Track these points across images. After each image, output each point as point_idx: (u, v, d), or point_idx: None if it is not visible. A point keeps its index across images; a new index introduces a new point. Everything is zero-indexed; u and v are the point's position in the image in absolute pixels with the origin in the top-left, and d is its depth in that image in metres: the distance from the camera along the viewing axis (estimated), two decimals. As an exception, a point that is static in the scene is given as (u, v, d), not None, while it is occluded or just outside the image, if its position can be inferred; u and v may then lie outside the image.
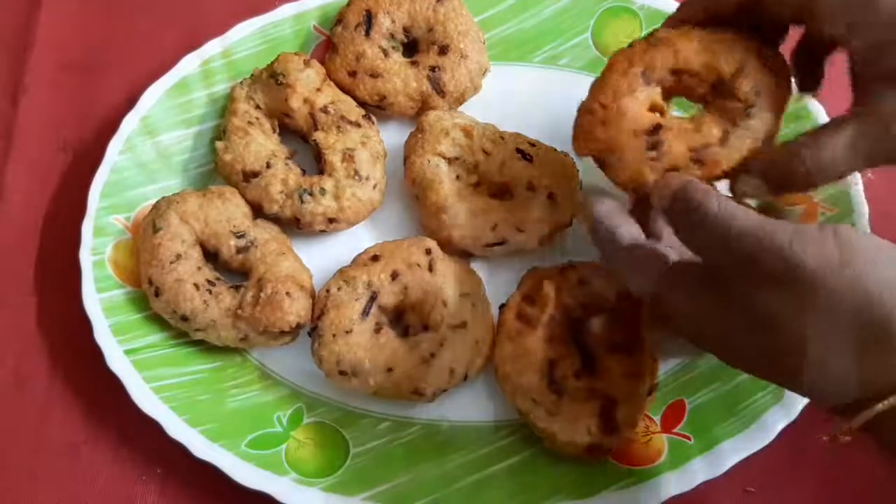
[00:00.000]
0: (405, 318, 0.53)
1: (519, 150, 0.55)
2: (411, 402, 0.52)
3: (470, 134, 0.55)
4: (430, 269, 0.53)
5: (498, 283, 0.55)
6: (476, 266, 0.55)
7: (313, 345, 0.52)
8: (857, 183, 0.57)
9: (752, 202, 0.51)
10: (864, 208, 0.56)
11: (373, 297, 0.52)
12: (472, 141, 0.55)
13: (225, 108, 0.59)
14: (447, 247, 0.54)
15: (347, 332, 0.51)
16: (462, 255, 0.55)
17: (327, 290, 0.53)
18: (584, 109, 0.47)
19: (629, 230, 0.44)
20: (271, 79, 0.57)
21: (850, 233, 0.36)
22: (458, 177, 0.55)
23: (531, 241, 0.54)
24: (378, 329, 0.52)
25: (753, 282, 0.37)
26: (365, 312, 0.52)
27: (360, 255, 0.54)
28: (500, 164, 0.55)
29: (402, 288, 0.52)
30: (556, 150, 0.55)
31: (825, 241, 0.35)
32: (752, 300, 0.37)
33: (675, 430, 0.51)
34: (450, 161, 0.55)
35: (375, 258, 0.53)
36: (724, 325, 0.39)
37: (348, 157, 0.56)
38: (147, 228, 0.54)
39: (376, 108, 0.59)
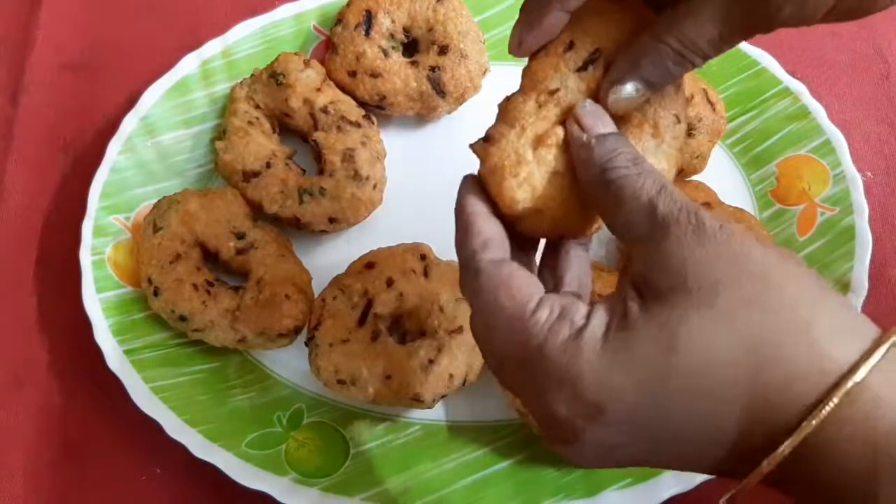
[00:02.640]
0: (402, 325, 0.53)
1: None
2: (410, 408, 0.52)
3: None
4: (426, 274, 0.52)
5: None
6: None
7: (310, 355, 0.52)
8: (856, 183, 0.57)
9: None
10: (863, 209, 0.56)
11: (369, 305, 0.52)
12: None
13: (225, 108, 0.59)
14: None
15: (344, 341, 0.51)
16: None
17: (323, 299, 0.53)
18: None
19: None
20: (271, 79, 0.57)
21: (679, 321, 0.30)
22: None
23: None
24: (375, 337, 0.51)
25: None
26: (361, 321, 0.52)
27: (354, 262, 0.54)
28: None
29: (398, 295, 0.52)
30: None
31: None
32: None
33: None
34: None
35: (370, 266, 0.53)
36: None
37: (348, 157, 0.56)
38: (147, 228, 0.54)
39: (376, 108, 0.59)
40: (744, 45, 0.62)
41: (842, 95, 0.64)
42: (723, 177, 0.59)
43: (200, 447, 0.50)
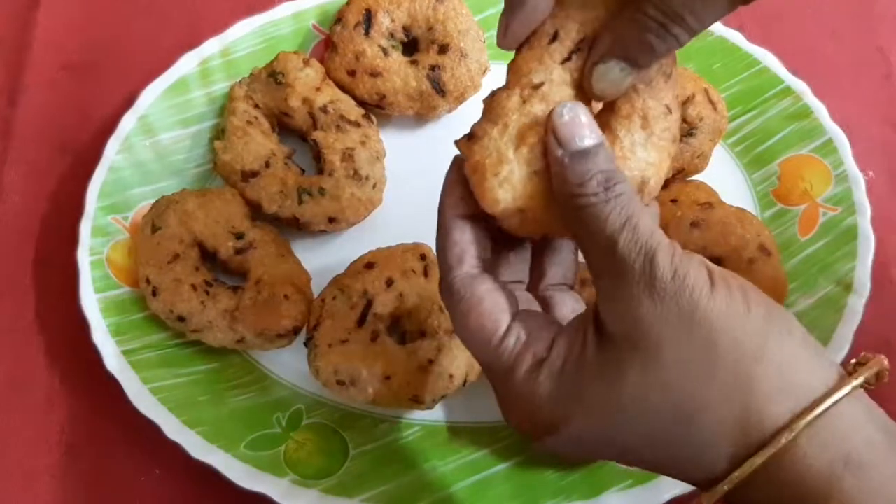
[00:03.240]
0: (402, 325, 0.53)
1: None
2: (410, 409, 0.52)
3: None
4: (425, 274, 0.52)
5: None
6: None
7: (309, 355, 0.51)
8: (858, 183, 0.57)
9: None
10: (866, 209, 0.56)
11: (368, 306, 0.52)
12: None
13: (223, 107, 0.59)
14: None
15: (343, 341, 0.51)
16: None
17: (322, 300, 0.52)
18: None
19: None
20: (270, 78, 0.57)
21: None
22: None
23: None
24: (374, 337, 0.51)
25: None
26: (361, 321, 0.51)
27: (353, 263, 0.54)
28: None
29: (398, 295, 0.52)
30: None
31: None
32: None
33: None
34: None
35: (369, 266, 0.53)
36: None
37: (348, 156, 0.56)
38: (146, 228, 0.54)
39: (376, 108, 0.59)
40: (745, 44, 0.62)
41: (844, 95, 0.64)
42: (724, 176, 0.59)
43: (199, 448, 0.50)
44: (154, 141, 0.58)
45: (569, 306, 0.38)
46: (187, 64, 0.60)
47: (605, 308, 0.32)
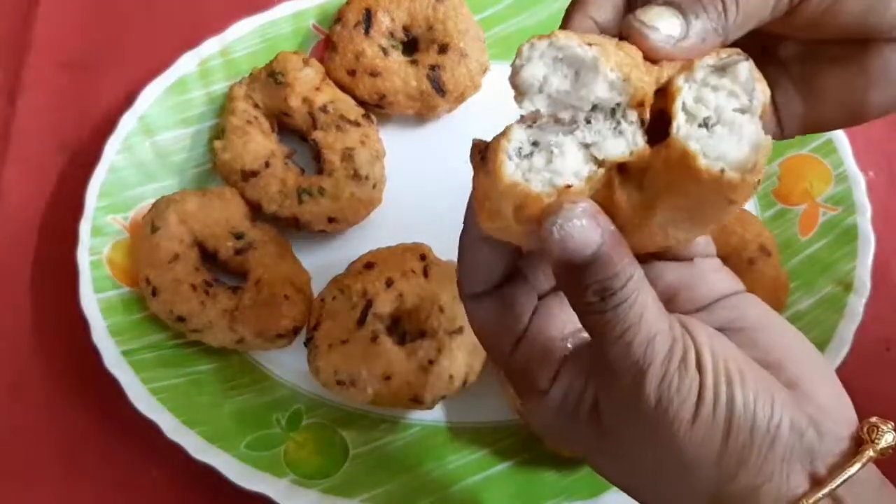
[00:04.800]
0: (402, 326, 0.53)
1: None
2: (410, 409, 0.52)
3: None
4: (425, 274, 0.52)
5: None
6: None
7: (309, 356, 0.51)
8: (858, 183, 0.57)
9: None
10: (866, 208, 0.56)
11: (368, 306, 0.52)
12: None
13: (223, 107, 0.59)
14: None
15: (343, 341, 0.51)
16: None
17: (322, 300, 0.52)
18: None
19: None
20: (270, 78, 0.57)
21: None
22: None
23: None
24: (374, 337, 0.51)
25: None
26: (361, 321, 0.51)
27: (353, 263, 0.54)
28: None
29: (398, 295, 0.52)
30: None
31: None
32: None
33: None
34: None
35: (369, 266, 0.53)
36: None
37: (347, 156, 0.56)
38: (145, 228, 0.54)
39: (376, 108, 0.59)
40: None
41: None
42: (724, 176, 0.59)
43: (199, 448, 0.50)
44: (154, 141, 0.58)
45: None
46: (187, 63, 0.59)
47: (597, 382, 0.33)
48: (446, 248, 0.55)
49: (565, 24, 0.33)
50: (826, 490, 0.30)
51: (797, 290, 0.55)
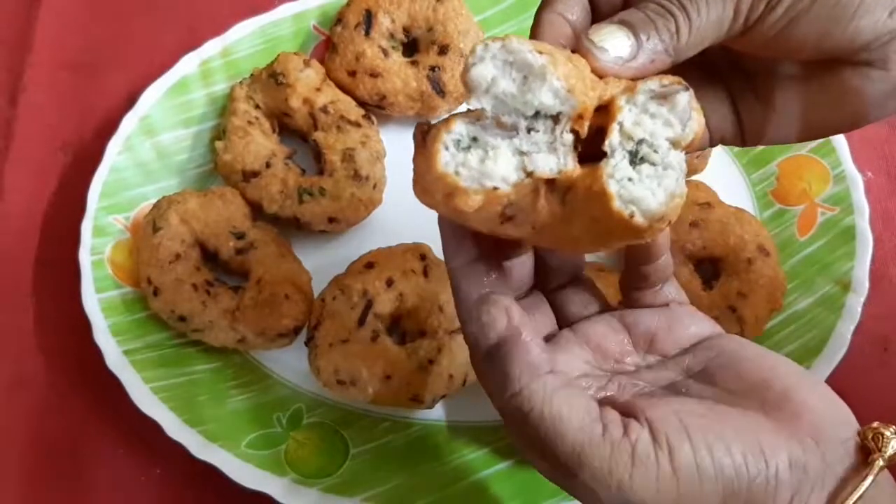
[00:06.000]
0: (402, 325, 0.53)
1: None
2: (410, 408, 0.52)
3: None
4: (426, 274, 0.52)
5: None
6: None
7: (310, 355, 0.52)
8: (857, 183, 0.57)
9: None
10: (864, 209, 0.56)
11: (368, 305, 0.52)
12: None
13: (224, 107, 0.59)
14: None
15: (344, 341, 0.51)
16: None
17: (322, 300, 0.53)
18: None
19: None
20: (271, 78, 0.57)
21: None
22: None
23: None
24: (375, 337, 0.51)
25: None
26: (361, 321, 0.52)
27: (353, 263, 0.54)
28: None
29: (398, 295, 0.52)
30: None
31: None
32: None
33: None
34: None
35: (370, 266, 0.53)
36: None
37: (348, 156, 0.56)
38: (147, 228, 0.54)
39: (376, 108, 0.59)
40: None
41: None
42: (723, 176, 0.59)
43: (200, 447, 0.50)
44: (155, 141, 0.58)
45: (577, 304, 0.38)
46: (188, 64, 0.60)
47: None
48: (446, 248, 0.55)
49: (536, 22, 0.35)
50: None
51: (795, 290, 0.55)
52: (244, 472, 0.50)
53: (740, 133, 0.38)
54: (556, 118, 0.31)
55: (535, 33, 0.35)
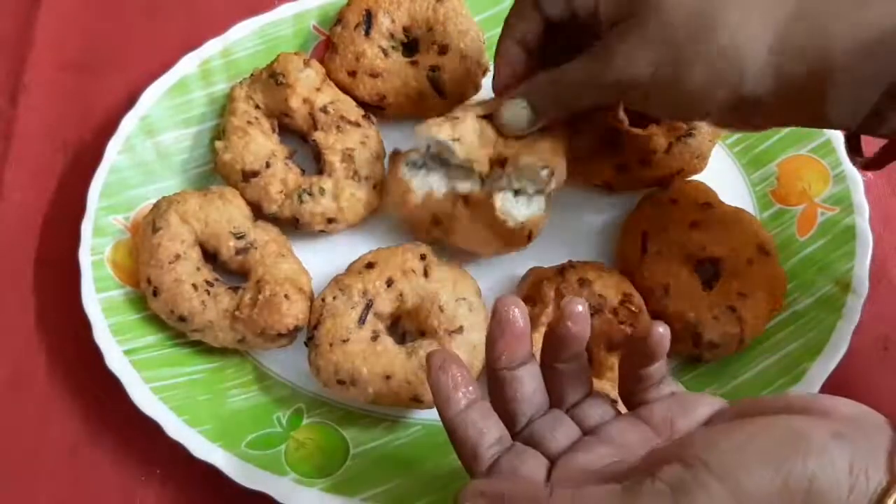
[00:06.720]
0: (402, 325, 0.53)
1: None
2: (410, 408, 0.52)
3: None
4: (426, 274, 0.52)
5: (495, 285, 0.55)
6: (472, 269, 0.55)
7: (310, 355, 0.52)
8: (857, 183, 0.57)
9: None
10: (864, 208, 0.56)
11: (368, 305, 0.52)
12: None
13: (224, 107, 0.59)
14: None
15: (344, 341, 0.51)
16: None
17: (322, 299, 0.53)
18: None
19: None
20: (271, 79, 0.57)
21: None
22: None
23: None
24: (375, 337, 0.51)
25: None
26: (361, 321, 0.52)
27: (354, 262, 0.54)
28: None
29: (398, 295, 0.52)
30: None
31: None
32: None
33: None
34: None
35: (370, 265, 0.53)
36: None
37: (348, 157, 0.56)
38: (147, 228, 0.54)
39: (376, 108, 0.59)
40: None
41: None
42: (723, 176, 0.59)
43: (200, 447, 0.50)
44: (155, 141, 0.59)
45: (595, 416, 0.41)
46: (188, 64, 0.60)
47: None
48: (446, 248, 0.55)
49: (497, 51, 0.52)
50: None
51: (795, 290, 0.55)
52: (244, 472, 0.50)
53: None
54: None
55: (496, 61, 0.52)
